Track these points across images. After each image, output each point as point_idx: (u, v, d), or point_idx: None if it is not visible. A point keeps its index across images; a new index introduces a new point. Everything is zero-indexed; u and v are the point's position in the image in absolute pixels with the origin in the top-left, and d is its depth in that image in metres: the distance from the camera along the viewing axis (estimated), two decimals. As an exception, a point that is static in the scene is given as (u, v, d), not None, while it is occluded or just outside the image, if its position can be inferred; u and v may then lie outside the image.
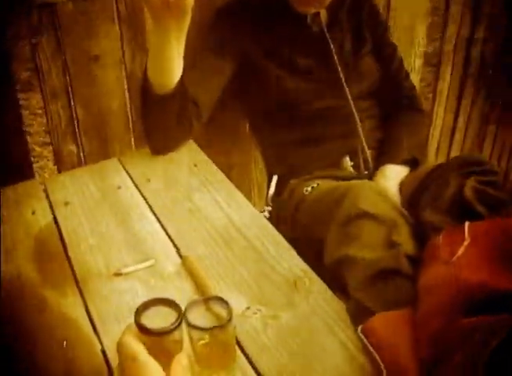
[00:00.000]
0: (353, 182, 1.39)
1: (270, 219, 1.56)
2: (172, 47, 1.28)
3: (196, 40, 1.52)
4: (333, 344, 0.96)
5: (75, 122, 1.71)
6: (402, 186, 1.55)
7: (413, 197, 1.38)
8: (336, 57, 1.65)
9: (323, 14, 1.67)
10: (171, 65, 1.32)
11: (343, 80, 1.65)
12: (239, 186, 1.39)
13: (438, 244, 0.98)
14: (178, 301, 0.81)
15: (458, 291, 0.83)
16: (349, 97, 1.65)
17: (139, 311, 0.82)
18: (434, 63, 2.47)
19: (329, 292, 1.07)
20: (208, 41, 1.62)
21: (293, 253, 1.16)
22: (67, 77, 1.65)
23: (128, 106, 1.76)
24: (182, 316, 0.80)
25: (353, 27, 1.74)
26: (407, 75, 1.89)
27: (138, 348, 0.73)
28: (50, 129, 1.70)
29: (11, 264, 1.15)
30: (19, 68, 1.60)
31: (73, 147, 1.75)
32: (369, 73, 1.74)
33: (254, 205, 1.34)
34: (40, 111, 1.68)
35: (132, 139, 1.81)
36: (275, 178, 1.72)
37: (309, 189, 1.51)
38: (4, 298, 1.08)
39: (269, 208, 1.70)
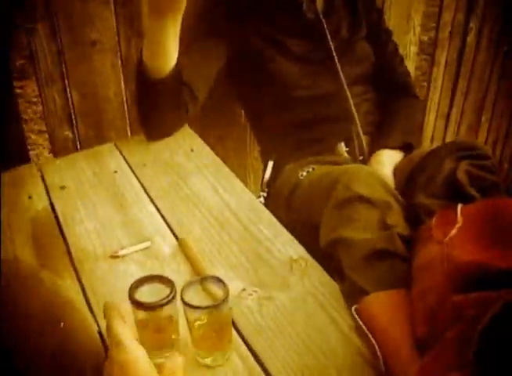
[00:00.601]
0: (348, 166, 1.39)
1: (266, 204, 1.57)
2: (168, 31, 1.28)
3: (192, 25, 1.52)
4: (327, 325, 0.97)
5: (71, 108, 1.71)
6: (396, 170, 1.56)
7: (407, 180, 1.39)
8: (331, 42, 1.66)
9: (319, 1, 1.67)
10: (167, 49, 1.32)
11: (338, 65, 1.66)
12: (234, 172, 1.40)
13: (431, 225, 0.99)
14: (166, 276, 0.83)
15: (450, 269, 0.84)
16: (344, 82, 1.66)
17: (133, 287, 0.83)
18: (429, 51, 2.47)
19: (325, 274, 1.08)
20: (203, 26, 1.62)
21: (289, 236, 1.17)
22: (63, 63, 1.65)
23: (124, 92, 1.76)
24: (174, 290, 0.82)
25: (349, 13, 1.74)
26: (402, 61, 1.90)
27: (122, 331, 0.72)
28: (45, 116, 1.70)
29: (8, 246, 1.16)
30: (14, 56, 1.60)
31: (68, 133, 1.75)
32: (364, 58, 1.75)
33: (250, 191, 1.35)
34: (35, 99, 1.68)
35: (128, 125, 1.80)
36: (270, 163, 1.73)
37: (304, 173, 1.52)
38: None
39: (265, 194, 1.71)
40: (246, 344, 0.94)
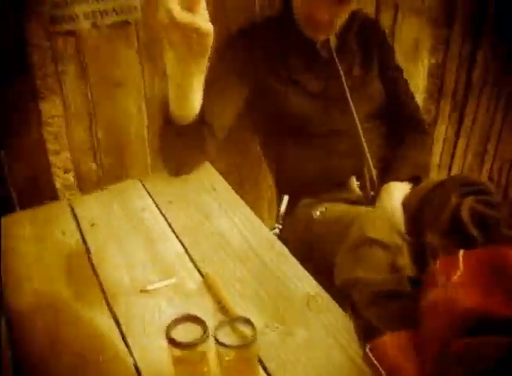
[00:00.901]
0: (360, 209, 1.47)
1: (280, 236, 1.66)
2: (193, 81, 1.35)
3: (211, 65, 1.60)
4: (343, 359, 1.05)
5: (95, 143, 1.81)
6: (405, 201, 1.64)
7: (415, 213, 1.47)
8: (344, 80, 1.75)
9: (332, 39, 1.76)
10: (192, 98, 1.39)
11: (350, 102, 1.75)
12: (249, 200, 1.48)
13: (434, 271, 1.08)
14: (200, 316, 0.92)
15: (454, 314, 0.92)
16: (356, 118, 1.74)
17: (170, 326, 0.92)
18: (437, 83, 2.56)
19: (340, 310, 1.16)
20: (222, 67, 1.70)
21: (305, 272, 1.25)
22: (90, 101, 1.74)
23: (146, 128, 1.86)
24: (207, 330, 0.91)
25: (361, 51, 1.83)
26: (412, 97, 1.99)
27: None
28: (71, 149, 1.79)
29: (44, 280, 1.25)
30: (45, 93, 1.69)
31: (93, 165, 1.84)
32: (376, 95, 1.84)
33: (264, 220, 1.43)
34: (63, 132, 1.77)
35: (148, 159, 1.90)
36: (285, 198, 1.81)
37: (318, 213, 1.60)
38: (36, 312, 1.17)
39: (280, 226, 1.80)
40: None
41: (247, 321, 0.95)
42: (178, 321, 0.95)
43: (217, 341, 0.91)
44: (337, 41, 1.78)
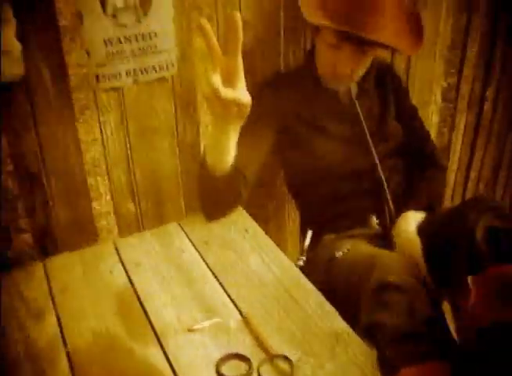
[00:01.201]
0: (380, 253, 1.61)
1: (304, 268, 1.79)
2: (230, 138, 1.51)
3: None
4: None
5: (134, 186, 1.96)
6: (421, 228, 1.74)
7: (433, 240, 1.60)
8: (364, 123, 1.89)
9: (353, 87, 1.91)
10: (228, 153, 1.54)
11: (371, 143, 1.89)
12: (274, 234, 1.61)
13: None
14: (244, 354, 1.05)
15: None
16: (376, 158, 1.88)
17: (219, 363, 1.07)
18: (449, 118, 2.70)
19: (365, 346, 1.29)
20: (251, 118, 1.86)
21: (332, 309, 1.39)
22: (128, 148, 1.90)
23: (179, 171, 2.01)
24: (252, 367, 1.05)
25: (379, 94, 1.98)
26: (428, 135, 2.13)
27: None
28: (112, 191, 1.94)
29: (98, 318, 1.39)
30: (87, 141, 1.85)
31: (131, 206, 1.99)
32: (394, 134, 1.98)
33: (287, 252, 1.57)
34: (104, 177, 1.92)
35: (182, 200, 2.05)
36: (310, 232, 1.94)
37: (340, 253, 1.74)
38: (95, 349, 1.32)
39: (304, 258, 1.93)
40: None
41: (285, 358, 1.09)
42: (225, 359, 1.09)
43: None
44: (357, 89, 1.93)
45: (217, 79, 1.30)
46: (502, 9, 2.49)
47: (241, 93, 1.35)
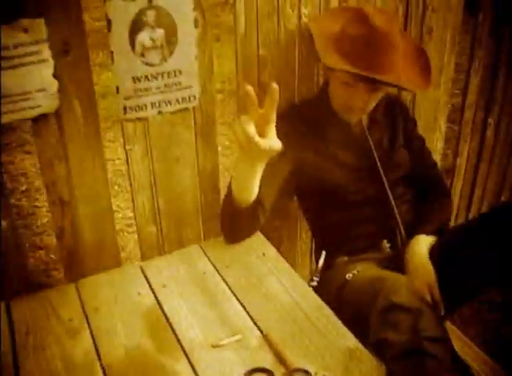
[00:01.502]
0: (388, 276, 1.73)
1: (318, 287, 1.90)
2: (256, 174, 1.64)
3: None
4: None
5: (156, 211, 2.08)
6: (432, 251, 1.86)
7: (443, 270, 1.74)
8: (375, 152, 2.02)
9: (364, 117, 2.04)
10: (253, 187, 1.68)
11: (381, 171, 2.01)
12: (287, 254, 1.72)
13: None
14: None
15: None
16: (386, 186, 2.01)
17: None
18: (453, 145, 2.83)
19: (375, 361, 1.41)
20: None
21: (345, 329, 1.51)
22: (152, 174, 2.03)
23: (199, 197, 2.13)
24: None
25: (388, 124, 2.11)
26: (435, 164, 2.26)
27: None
28: (135, 216, 2.07)
29: (130, 336, 1.51)
30: (113, 168, 1.99)
31: (153, 230, 2.12)
32: (403, 163, 2.11)
33: (298, 272, 1.70)
34: (128, 201, 2.05)
35: (201, 224, 2.17)
36: (323, 253, 2.06)
37: (351, 275, 1.86)
38: (128, 364, 1.43)
39: (318, 279, 2.05)
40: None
41: (306, 371, 1.21)
42: (250, 372, 1.21)
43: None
44: (368, 119, 2.06)
45: (252, 129, 1.45)
46: (503, 42, 2.62)
47: (273, 141, 1.50)
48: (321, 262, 2.04)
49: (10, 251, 1.86)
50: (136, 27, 1.78)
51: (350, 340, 1.47)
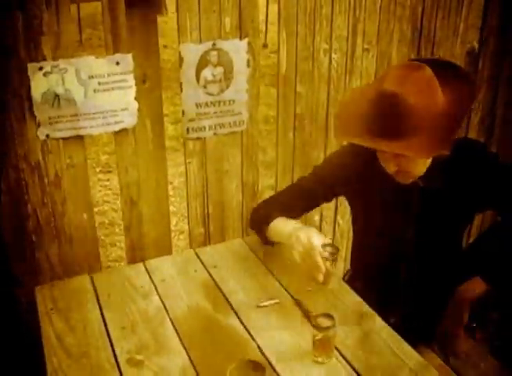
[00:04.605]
0: None
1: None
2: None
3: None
4: None
5: (206, 214, 2.54)
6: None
7: None
8: (415, 223, 1.95)
9: (419, 182, 1.86)
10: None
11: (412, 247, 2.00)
12: None
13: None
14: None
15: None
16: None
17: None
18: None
19: None
20: (318, 173, 2.10)
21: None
22: (205, 184, 2.49)
23: (241, 204, 2.59)
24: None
25: (451, 193, 1.87)
26: None
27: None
28: (189, 219, 2.52)
29: (191, 298, 1.94)
30: (173, 179, 2.44)
31: (202, 230, 2.57)
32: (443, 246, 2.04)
33: None
34: (184, 204, 2.50)
35: (241, 227, 2.62)
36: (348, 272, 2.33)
37: None
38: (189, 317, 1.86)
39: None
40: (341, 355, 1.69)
41: (328, 315, 1.63)
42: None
43: (312, 325, 1.61)
44: (422, 184, 1.87)
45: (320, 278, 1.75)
46: (501, 85, 3.02)
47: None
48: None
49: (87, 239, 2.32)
50: (201, 64, 2.28)
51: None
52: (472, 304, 1.83)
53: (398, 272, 2.03)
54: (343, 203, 2.81)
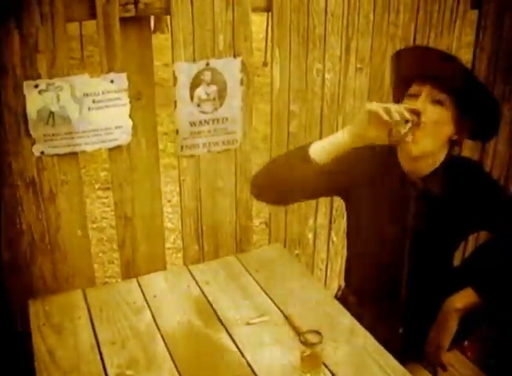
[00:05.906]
0: None
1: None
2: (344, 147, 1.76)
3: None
4: None
5: (200, 231, 2.56)
6: None
7: None
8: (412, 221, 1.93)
9: (420, 183, 1.89)
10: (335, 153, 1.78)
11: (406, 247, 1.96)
12: None
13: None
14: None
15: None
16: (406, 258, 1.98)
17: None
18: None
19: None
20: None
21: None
22: (199, 200, 2.51)
23: (235, 221, 2.61)
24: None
25: (449, 202, 1.89)
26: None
27: None
28: (183, 235, 2.54)
29: (182, 314, 1.96)
30: (168, 196, 2.47)
31: (196, 247, 2.59)
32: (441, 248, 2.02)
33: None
34: (178, 221, 2.53)
35: (235, 244, 2.64)
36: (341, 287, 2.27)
37: None
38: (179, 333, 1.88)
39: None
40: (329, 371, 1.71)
41: (316, 332, 1.65)
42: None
43: (301, 342, 1.62)
44: (422, 183, 1.89)
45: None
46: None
47: None
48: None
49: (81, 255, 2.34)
50: (195, 83, 2.31)
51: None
52: (461, 318, 1.83)
53: (394, 284, 2.01)
54: (337, 219, 2.83)
